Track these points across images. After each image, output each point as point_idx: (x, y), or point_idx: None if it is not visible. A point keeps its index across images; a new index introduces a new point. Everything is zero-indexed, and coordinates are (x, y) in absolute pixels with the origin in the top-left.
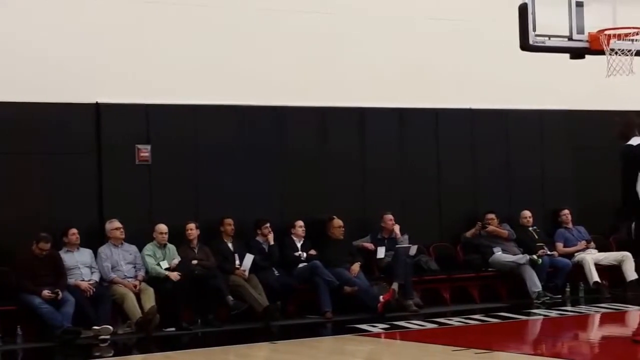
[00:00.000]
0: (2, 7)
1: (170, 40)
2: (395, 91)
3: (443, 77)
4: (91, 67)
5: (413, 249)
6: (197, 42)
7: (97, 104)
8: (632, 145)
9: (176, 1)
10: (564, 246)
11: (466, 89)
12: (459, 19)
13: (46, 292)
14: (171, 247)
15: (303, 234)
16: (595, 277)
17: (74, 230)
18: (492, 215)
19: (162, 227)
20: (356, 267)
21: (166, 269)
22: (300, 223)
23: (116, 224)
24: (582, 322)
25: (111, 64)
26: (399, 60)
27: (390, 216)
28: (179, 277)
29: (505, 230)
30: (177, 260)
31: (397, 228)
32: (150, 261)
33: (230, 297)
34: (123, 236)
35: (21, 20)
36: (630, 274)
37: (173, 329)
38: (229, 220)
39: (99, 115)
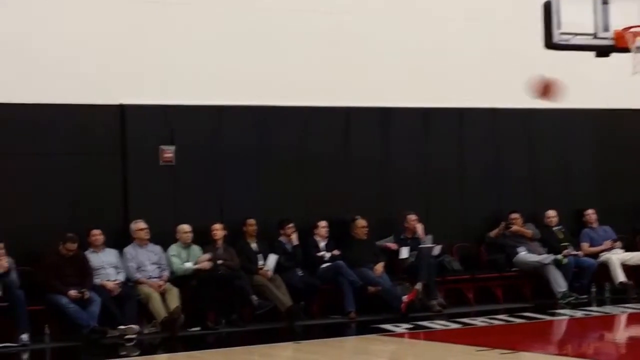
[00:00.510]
0: (27, 10)
1: (195, 42)
2: (419, 91)
3: (466, 77)
4: (115, 68)
5: (436, 249)
6: (220, 44)
7: (121, 105)
8: None
9: (200, 3)
10: (590, 246)
11: (489, 88)
12: (486, 17)
13: (73, 292)
14: (195, 248)
15: (326, 234)
16: (621, 277)
17: (97, 231)
18: (516, 215)
19: (185, 227)
20: (380, 267)
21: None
22: (323, 223)
23: (141, 224)
24: (608, 322)
25: (135, 65)
26: (422, 59)
27: (413, 216)
28: (210, 266)
29: (529, 230)
30: (206, 255)
31: (420, 228)
32: (176, 261)
33: (254, 297)
34: (148, 237)
35: (45, 23)
36: None
37: (198, 328)
38: (252, 221)
39: (123, 116)
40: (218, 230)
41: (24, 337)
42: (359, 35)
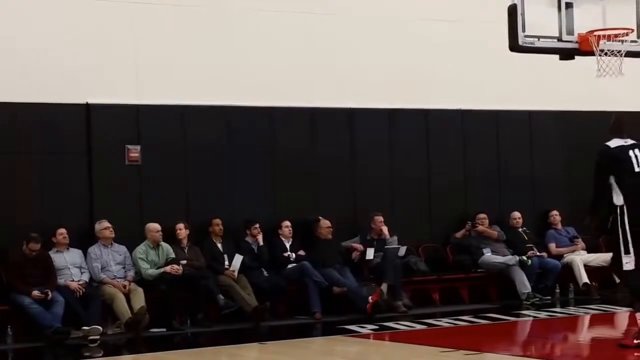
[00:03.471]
0: None
1: (161, 41)
2: (385, 91)
3: (433, 78)
4: (81, 67)
5: (402, 250)
6: (187, 43)
7: (87, 104)
8: (609, 146)
9: (168, 2)
10: (556, 247)
11: (456, 90)
12: (452, 21)
13: (36, 292)
14: (165, 246)
15: (290, 234)
16: (584, 278)
17: (62, 231)
18: (483, 215)
19: (155, 226)
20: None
21: (159, 267)
22: (286, 223)
23: (105, 224)
24: (572, 323)
25: (101, 64)
26: (388, 60)
27: (380, 217)
28: (180, 270)
29: (495, 231)
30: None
31: (385, 229)
32: (143, 265)
33: (221, 297)
34: (112, 236)
35: (11, 20)
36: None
37: (164, 329)
38: (217, 221)
39: (89, 115)
40: (182, 230)
41: None
42: (323, 35)
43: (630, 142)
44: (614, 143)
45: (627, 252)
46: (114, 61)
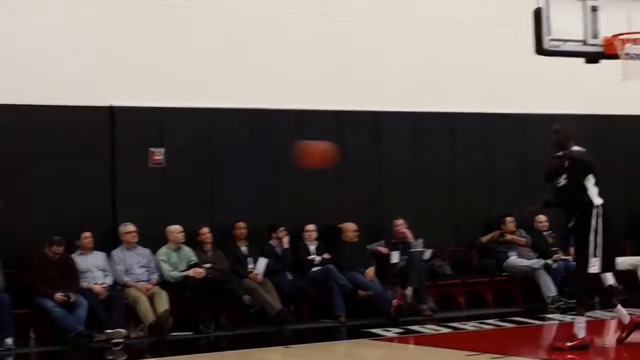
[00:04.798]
0: (18, 11)
1: (185, 44)
2: (410, 95)
3: (458, 81)
4: (105, 70)
5: (427, 253)
6: (211, 46)
7: (111, 107)
8: (580, 150)
9: (191, 5)
10: None
11: (481, 93)
12: (478, 23)
13: (59, 295)
14: (186, 249)
15: (315, 238)
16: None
17: (87, 234)
18: (510, 219)
19: (177, 227)
20: (371, 271)
21: (182, 271)
22: (310, 227)
23: (129, 228)
24: (597, 327)
25: (125, 67)
26: (414, 63)
27: (400, 221)
28: (202, 273)
29: (523, 238)
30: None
31: (408, 233)
32: (165, 267)
33: (246, 296)
34: (136, 240)
35: (36, 23)
36: None
37: (190, 332)
38: (241, 224)
39: (112, 118)
40: (207, 234)
41: (9, 341)
42: (350, 38)
43: None
44: (578, 148)
45: (595, 254)
46: (138, 64)
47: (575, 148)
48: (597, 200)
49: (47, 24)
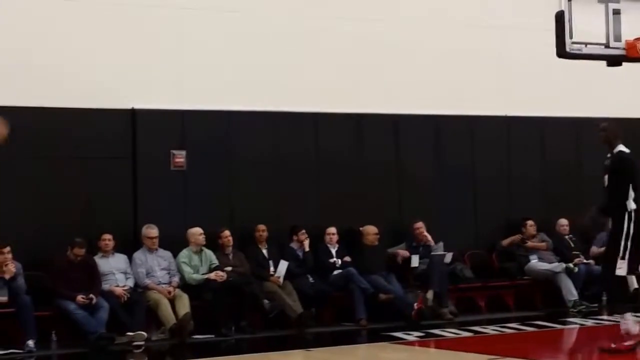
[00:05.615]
0: (44, 14)
1: (207, 47)
2: (430, 97)
3: (479, 84)
4: (127, 73)
5: (448, 257)
6: (233, 49)
7: (133, 109)
8: (625, 151)
9: (212, 7)
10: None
11: (502, 96)
12: (499, 27)
13: (80, 298)
14: (208, 252)
15: (336, 241)
16: (634, 284)
17: (108, 236)
18: (531, 222)
19: (198, 229)
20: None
21: (203, 274)
22: (332, 230)
23: (151, 232)
24: (619, 331)
25: (147, 70)
26: (434, 67)
27: (419, 224)
28: (224, 276)
29: (544, 243)
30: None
31: (428, 236)
32: (187, 269)
33: (266, 301)
34: (155, 247)
35: (58, 27)
36: None
37: (212, 335)
38: (262, 227)
39: (134, 120)
40: (228, 237)
41: (30, 343)
42: (368, 41)
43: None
44: (624, 148)
45: (623, 257)
46: (160, 67)
47: (622, 148)
48: (632, 205)
49: (72, 27)
